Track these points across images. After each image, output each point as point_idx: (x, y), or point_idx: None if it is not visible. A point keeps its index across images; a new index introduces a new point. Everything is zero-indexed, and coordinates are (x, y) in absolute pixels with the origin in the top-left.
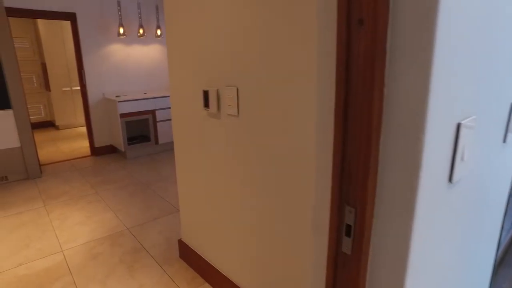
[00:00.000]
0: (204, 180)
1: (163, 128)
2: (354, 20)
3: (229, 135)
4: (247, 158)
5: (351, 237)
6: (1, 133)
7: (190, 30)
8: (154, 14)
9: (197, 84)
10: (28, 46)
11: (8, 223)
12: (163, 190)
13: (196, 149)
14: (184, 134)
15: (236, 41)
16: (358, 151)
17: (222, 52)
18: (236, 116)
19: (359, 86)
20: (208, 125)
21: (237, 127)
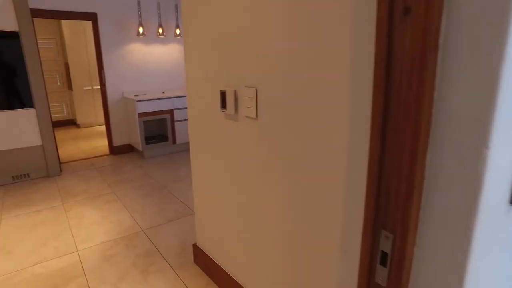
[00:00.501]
0: (221, 185)
1: (181, 128)
2: (399, 9)
3: (247, 138)
4: (266, 164)
5: (387, 266)
6: (23, 132)
7: (208, 27)
8: (173, 14)
9: (214, 84)
10: (53, 47)
11: (29, 220)
12: (179, 191)
13: (212, 152)
14: (200, 136)
15: (257, 37)
16: (400, 166)
17: (241, 50)
18: (255, 118)
19: (402, 89)
20: (225, 128)
21: (256, 130)
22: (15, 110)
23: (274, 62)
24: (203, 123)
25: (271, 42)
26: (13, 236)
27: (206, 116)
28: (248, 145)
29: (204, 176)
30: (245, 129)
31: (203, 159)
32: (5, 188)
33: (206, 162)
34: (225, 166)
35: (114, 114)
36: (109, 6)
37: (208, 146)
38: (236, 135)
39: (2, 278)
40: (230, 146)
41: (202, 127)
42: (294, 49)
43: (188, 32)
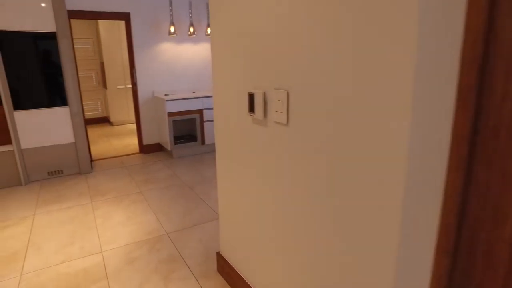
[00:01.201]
0: (247, 193)
1: (210, 128)
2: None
3: (276, 146)
4: (299, 177)
5: None
6: (58, 129)
7: (236, 24)
8: (205, 13)
9: (242, 85)
10: (90, 47)
11: (59, 216)
12: (205, 193)
13: (239, 158)
14: (226, 140)
15: (291, 34)
16: (497, 214)
17: (271, 47)
18: (285, 124)
19: (506, 99)
20: (252, 133)
21: (286, 138)
22: (51, 108)
23: (311, 61)
24: (230, 127)
25: (308, 38)
26: (44, 232)
27: (233, 119)
28: (278, 154)
29: (230, 183)
30: (274, 135)
31: (229, 165)
32: (41, 183)
33: (232, 169)
34: (252, 174)
35: (144, 113)
36: (141, 5)
37: (234, 152)
38: (264, 142)
39: (29, 275)
40: (258, 153)
41: (228, 131)
42: (340, 47)
43: (215, 30)
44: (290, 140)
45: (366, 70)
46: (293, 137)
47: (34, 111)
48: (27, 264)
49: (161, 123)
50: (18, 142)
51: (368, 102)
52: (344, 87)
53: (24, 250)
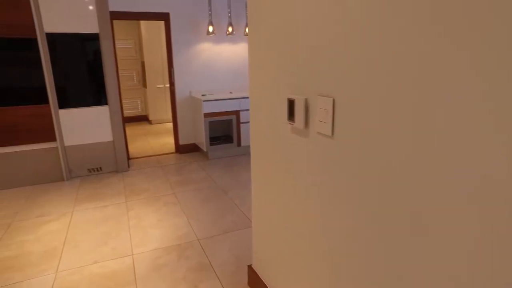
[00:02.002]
0: (284, 206)
1: (246, 130)
2: None
3: (318, 159)
4: (341, 193)
5: None
6: (98, 128)
7: (276, 22)
8: (244, 12)
9: (281, 90)
10: (131, 46)
11: (95, 215)
12: (239, 198)
13: (276, 168)
14: (262, 147)
15: (338, 32)
16: None
17: (316, 48)
18: (330, 136)
19: None
20: (291, 143)
21: (330, 151)
22: (92, 107)
23: (364, 65)
24: (266, 133)
25: (362, 37)
26: (81, 230)
27: (270, 126)
28: (320, 168)
29: (265, 194)
30: (316, 148)
31: (264, 175)
32: (81, 179)
33: (267, 179)
34: (290, 187)
35: (181, 113)
36: (181, 5)
37: (271, 161)
38: (304, 153)
39: (64, 273)
40: (297, 165)
41: (264, 138)
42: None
43: (253, 29)
44: (334, 154)
45: (429, 86)
46: (338, 151)
47: (77, 110)
48: (63, 261)
49: (198, 123)
50: (62, 139)
51: (431, 119)
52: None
53: (61, 247)
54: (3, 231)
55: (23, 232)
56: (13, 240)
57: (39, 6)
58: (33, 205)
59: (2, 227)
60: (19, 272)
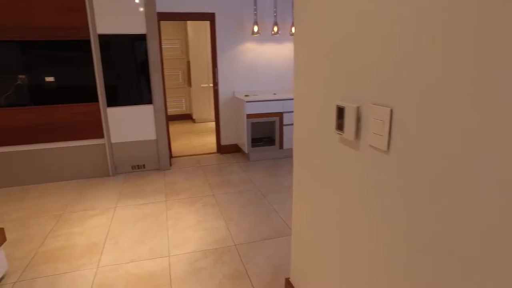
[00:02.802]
0: (328, 221)
1: (289, 132)
2: None
3: (369, 175)
4: (396, 217)
5: None
6: (142, 126)
7: (326, 20)
8: (290, 11)
9: (329, 95)
10: (178, 46)
11: (136, 212)
12: (279, 203)
13: (320, 179)
14: (306, 155)
15: (402, 35)
16: None
17: (372, 51)
18: (385, 151)
19: None
20: (339, 154)
21: (385, 168)
22: (138, 105)
23: (431, 70)
24: (311, 141)
25: (432, 40)
26: (122, 226)
27: (316, 134)
28: (372, 184)
29: (306, 205)
30: (367, 163)
31: (307, 185)
32: (125, 176)
33: (310, 190)
34: (335, 201)
35: (224, 113)
36: (226, 5)
37: (315, 171)
38: (354, 168)
39: (104, 269)
40: (344, 179)
41: (309, 147)
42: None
43: (300, 28)
44: (390, 172)
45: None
46: (394, 168)
47: (123, 108)
48: (104, 257)
49: (240, 124)
50: (109, 136)
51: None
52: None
53: (103, 243)
54: (55, 222)
55: (70, 224)
56: (62, 231)
57: (94, 9)
58: (81, 199)
59: (55, 217)
60: (65, 263)
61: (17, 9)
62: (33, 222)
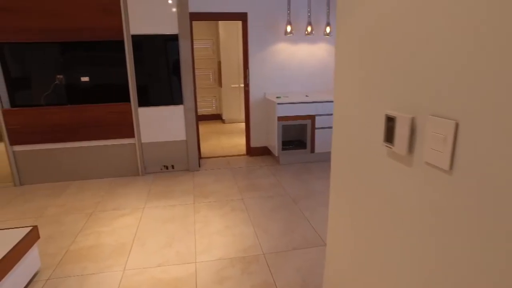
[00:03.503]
0: (370, 237)
1: (321, 135)
2: None
3: (425, 197)
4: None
5: None
6: (172, 126)
7: (376, 17)
8: (324, 11)
9: (377, 103)
10: (209, 46)
11: (164, 214)
12: (310, 210)
13: (362, 194)
14: (346, 166)
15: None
16: None
17: (434, 54)
18: (446, 171)
19: None
20: (386, 169)
21: (446, 191)
22: (168, 106)
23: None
24: (353, 151)
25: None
26: (150, 227)
27: (359, 144)
28: (428, 210)
29: (345, 220)
30: (423, 182)
31: (347, 199)
32: (155, 175)
33: (350, 204)
34: (379, 219)
35: (254, 115)
36: (259, 5)
37: (356, 184)
38: (404, 185)
39: (129, 272)
40: (393, 197)
41: (350, 157)
42: None
43: (343, 24)
44: (452, 194)
45: None
46: (458, 191)
47: (154, 108)
48: (131, 259)
49: (270, 126)
50: (139, 136)
51: None
52: None
53: (130, 244)
54: (85, 220)
55: (100, 223)
56: (92, 230)
57: (128, 11)
58: (111, 197)
59: (86, 215)
60: (93, 263)
61: (57, 12)
62: (66, 219)
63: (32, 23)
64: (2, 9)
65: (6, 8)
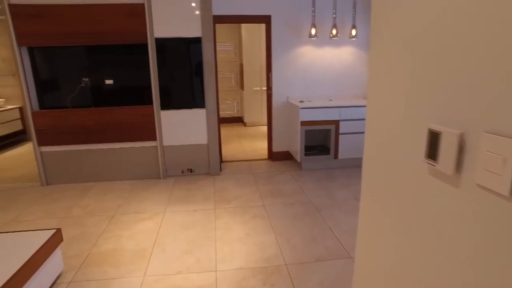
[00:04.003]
0: (404, 258)
1: (345, 141)
2: None
3: (478, 225)
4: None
5: None
6: (194, 130)
7: (424, 17)
8: (350, 13)
9: (418, 114)
10: (231, 49)
11: (184, 219)
12: (334, 220)
13: (398, 214)
14: (379, 181)
15: None
16: None
17: (489, 57)
18: (506, 197)
19: None
20: (427, 188)
21: (503, 219)
22: (190, 109)
23: None
24: (387, 165)
25: None
26: (170, 233)
27: (394, 157)
28: (481, 240)
29: (377, 241)
30: (474, 207)
31: (380, 218)
32: (175, 179)
33: (384, 224)
34: (421, 246)
35: (276, 119)
36: (283, 7)
37: (391, 203)
38: (450, 210)
39: (150, 279)
40: (435, 221)
41: (384, 170)
42: None
43: (378, 30)
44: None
45: None
46: None
47: (176, 111)
48: (151, 265)
49: (293, 131)
50: (161, 139)
51: None
52: None
53: (150, 249)
54: (107, 222)
55: (121, 226)
56: (113, 233)
57: (152, 14)
58: (132, 200)
59: (107, 218)
60: (114, 267)
61: (85, 17)
62: (88, 221)
63: (62, 28)
64: (36, 15)
65: (41, 15)
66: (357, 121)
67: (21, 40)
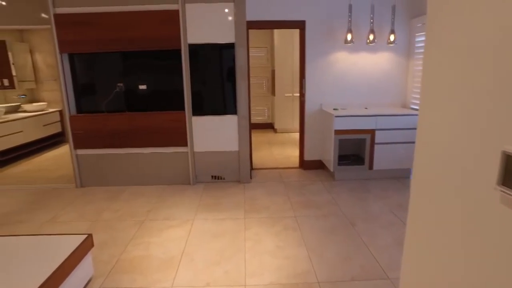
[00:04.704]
0: None
1: (381, 152)
2: None
3: None
4: None
5: None
6: (225, 137)
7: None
8: (389, 18)
9: (486, 133)
10: (264, 55)
11: (213, 228)
12: (370, 235)
13: (458, 244)
14: (434, 204)
15: None
16: None
17: None
18: None
19: None
20: (499, 219)
21: None
22: (222, 116)
23: None
24: (446, 188)
25: None
26: (199, 242)
27: (456, 182)
28: None
29: (427, 268)
30: None
31: (433, 242)
32: (205, 185)
33: (438, 250)
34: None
35: (309, 127)
36: (318, 12)
37: (449, 228)
38: None
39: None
40: (508, 259)
41: (440, 193)
42: None
43: (436, 38)
44: None
45: None
46: None
47: (207, 118)
48: (179, 275)
49: (326, 139)
50: (192, 145)
51: None
52: None
53: (179, 258)
54: (136, 228)
55: (150, 233)
56: (142, 240)
57: (186, 20)
58: (162, 206)
59: (137, 223)
60: (142, 275)
61: (121, 24)
62: (119, 225)
63: (101, 35)
64: (78, 23)
65: (82, 23)
66: (394, 130)
67: (62, 47)
